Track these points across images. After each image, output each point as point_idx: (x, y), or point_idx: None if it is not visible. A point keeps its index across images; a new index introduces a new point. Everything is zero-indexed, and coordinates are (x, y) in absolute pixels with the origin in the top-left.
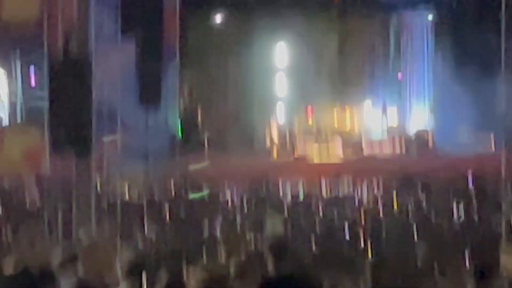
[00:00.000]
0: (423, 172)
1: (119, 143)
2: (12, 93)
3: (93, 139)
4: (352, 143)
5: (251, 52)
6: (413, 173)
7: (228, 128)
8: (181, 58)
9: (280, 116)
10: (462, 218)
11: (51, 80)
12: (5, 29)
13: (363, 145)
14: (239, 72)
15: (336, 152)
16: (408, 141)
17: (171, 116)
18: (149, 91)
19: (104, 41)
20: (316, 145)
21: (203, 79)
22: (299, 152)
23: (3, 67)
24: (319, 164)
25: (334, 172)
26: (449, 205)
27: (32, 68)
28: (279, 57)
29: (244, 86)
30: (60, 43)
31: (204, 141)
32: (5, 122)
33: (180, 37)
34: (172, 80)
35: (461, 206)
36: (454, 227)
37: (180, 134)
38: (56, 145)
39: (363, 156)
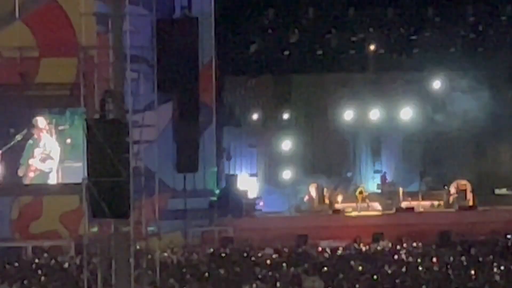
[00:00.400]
0: (463, 227)
1: (157, 204)
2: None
3: (131, 200)
4: (391, 196)
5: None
6: (452, 228)
7: (267, 189)
8: (217, 119)
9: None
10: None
11: (88, 140)
12: (42, 90)
13: (401, 198)
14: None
15: (375, 206)
16: (447, 195)
17: (209, 178)
18: (186, 156)
19: (140, 101)
20: (354, 198)
21: (241, 141)
22: (337, 205)
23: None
24: (358, 218)
25: (373, 226)
26: (489, 262)
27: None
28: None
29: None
30: (96, 103)
31: (241, 201)
32: (52, 180)
33: (217, 98)
34: (209, 141)
35: (502, 263)
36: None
37: (217, 194)
38: (94, 206)
39: (402, 210)
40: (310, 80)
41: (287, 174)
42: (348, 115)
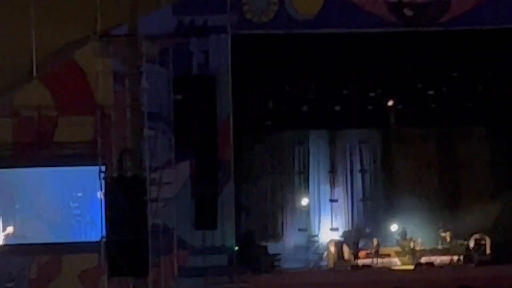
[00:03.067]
0: (483, 282)
1: (175, 262)
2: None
3: (150, 258)
4: (409, 251)
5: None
6: (472, 283)
7: (286, 245)
8: (236, 176)
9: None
10: None
11: (107, 198)
12: (59, 149)
13: (420, 252)
14: (293, 190)
15: (393, 260)
16: (466, 248)
17: (228, 235)
18: (205, 213)
19: (158, 159)
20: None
21: (259, 197)
22: (357, 262)
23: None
24: (378, 273)
25: (393, 281)
26: None
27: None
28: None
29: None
30: (114, 162)
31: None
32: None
33: (235, 154)
34: (228, 198)
35: None
36: None
37: (236, 253)
38: (113, 265)
39: (420, 264)
40: (328, 136)
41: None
42: None
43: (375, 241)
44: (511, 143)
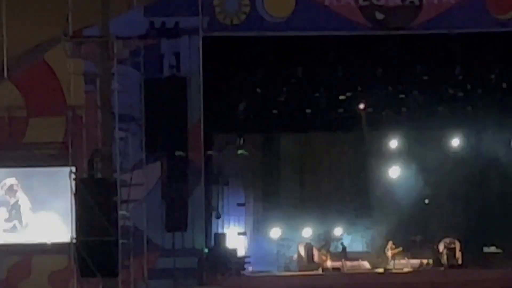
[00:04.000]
0: (452, 286)
1: (145, 263)
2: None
3: (120, 259)
4: (379, 254)
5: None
6: (441, 286)
7: (256, 248)
8: (206, 178)
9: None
10: None
11: (77, 200)
12: (29, 150)
13: (390, 257)
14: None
15: (364, 265)
16: (436, 252)
17: (198, 237)
18: (175, 215)
19: (129, 160)
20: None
21: (230, 199)
22: (326, 264)
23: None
24: (346, 277)
25: (362, 284)
26: None
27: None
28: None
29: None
30: (85, 163)
31: (231, 261)
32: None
33: (205, 156)
34: (198, 200)
35: None
36: None
37: (206, 255)
38: (83, 267)
39: (390, 268)
40: (299, 139)
41: (275, 232)
42: None
43: (344, 244)
44: (480, 146)
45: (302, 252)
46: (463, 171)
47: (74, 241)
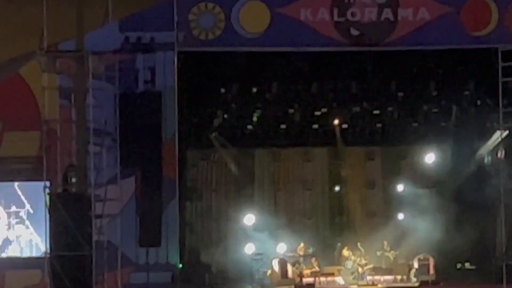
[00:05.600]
0: None
1: (119, 278)
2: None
3: (94, 274)
4: (353, 270)
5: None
6: None
7: (230, 263)
8: (180, 193)
9: (281, 247)
10: None
11: (50, 214)
12: (4, 164)
13: (366, 272)
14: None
15: (337, 279)
16: (410, 268)
17: (172, 252)
18: (149, 230)
19: (103, 175)
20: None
21: (204, 214)
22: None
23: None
24: None
25: None
26: None
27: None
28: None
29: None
30: (59, 177)
31: (205, 276)
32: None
33: (180, 172)
34: (172, 215)
35: None
36: None
37: (180, 270)
38: (57, 282)
39: (364, 284)
40: (273, 154)
41: (250, 248)
42: None
43: (315, 259)
44: (454, 162)
45: (276, 267)
46: (438, 186)
47: (48, 255)
